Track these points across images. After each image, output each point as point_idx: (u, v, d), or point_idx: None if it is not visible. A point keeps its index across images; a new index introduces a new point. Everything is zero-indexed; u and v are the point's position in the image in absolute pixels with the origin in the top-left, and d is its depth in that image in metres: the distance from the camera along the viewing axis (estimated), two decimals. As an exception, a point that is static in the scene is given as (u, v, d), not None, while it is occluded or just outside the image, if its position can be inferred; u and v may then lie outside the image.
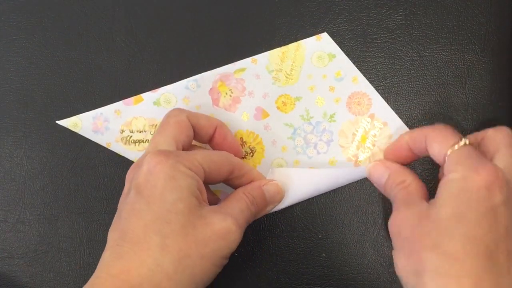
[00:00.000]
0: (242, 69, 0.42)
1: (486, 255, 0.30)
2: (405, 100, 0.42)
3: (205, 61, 0.42)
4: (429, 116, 0.42)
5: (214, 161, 0.36)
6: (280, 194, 0.39)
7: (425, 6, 0.42)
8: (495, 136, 0.35)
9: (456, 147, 0.34)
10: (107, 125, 0.41)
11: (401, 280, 0.34)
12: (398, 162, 0.38)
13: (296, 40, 0.42)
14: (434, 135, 0.35)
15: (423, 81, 0.42)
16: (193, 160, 0.34)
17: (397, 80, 0.42)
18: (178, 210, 0.33)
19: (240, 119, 0.42)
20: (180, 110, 0.38)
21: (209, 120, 0.39)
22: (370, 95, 0.41)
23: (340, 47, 0.42)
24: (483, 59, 0.42)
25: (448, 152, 0.34)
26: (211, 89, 0.42)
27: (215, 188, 0.42)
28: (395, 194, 0.36)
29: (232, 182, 0.38)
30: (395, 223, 0.35)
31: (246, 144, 0.42)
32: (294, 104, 0.42)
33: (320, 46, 0.42)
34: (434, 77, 0.42)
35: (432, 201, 0.33)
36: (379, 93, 0.42)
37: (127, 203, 0.34)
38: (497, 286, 0.30)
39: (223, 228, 0.34)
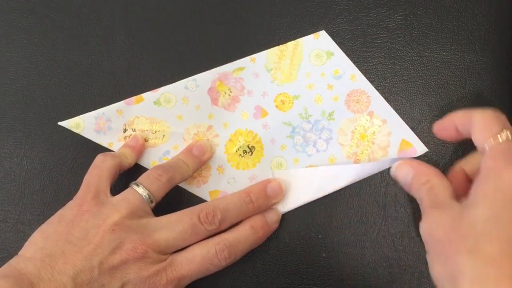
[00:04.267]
0: (241, 68, 0.42)
1: None
2: (405, 100, 0.42)
3: (205, 61, 0.42)
4: (429, 116, 0.41)
5: None
6: None
7: (425, 6, 0.42)
8: None
9: (496, 139, 0.32)
10: (110, 124, 0.41)
11: (437, 285, 0.32)
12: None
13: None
14: (477, 121, 0.34)
15: (423, 81, 0.42)
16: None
17: (397, 80, 0.42)
18: None
19: (240, 118, 0.42)
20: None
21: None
22: (368, 92, 0.41)
23: (340, 47, 0.42)
24: (483, 59, 0.42)
25: (487, 144, 0.33)
26: (210, 88, 0.42)
27: (214, 188, 0.42)
28: (421, 196, 0.35)
29: None
30: (426, 227, 0.34)
31: (245, 143, 0.42)
32: (293, 102, 0.42)
33: (318, 44, 0.42)
34: (434, 77, 0.42)
35: (465, 201, 0.32)
36: (379, 93, 0.41)
37: None
38: None
39: None
